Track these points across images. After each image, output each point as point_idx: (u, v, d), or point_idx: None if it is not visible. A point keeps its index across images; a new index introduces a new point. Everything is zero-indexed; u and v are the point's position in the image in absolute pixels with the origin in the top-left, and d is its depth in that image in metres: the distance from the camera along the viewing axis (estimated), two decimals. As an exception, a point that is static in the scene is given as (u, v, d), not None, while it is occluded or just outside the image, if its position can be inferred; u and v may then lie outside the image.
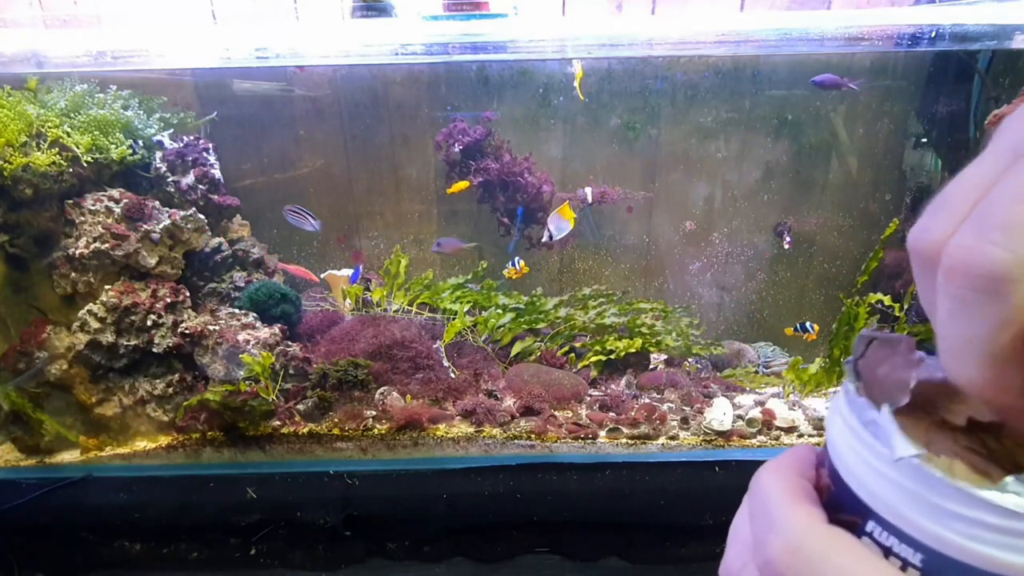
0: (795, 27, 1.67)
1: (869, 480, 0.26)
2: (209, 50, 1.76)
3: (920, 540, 0.24)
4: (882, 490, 0.25)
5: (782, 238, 2.10)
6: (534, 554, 1.64)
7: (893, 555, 0.25)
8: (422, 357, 1.85)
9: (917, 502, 0.24)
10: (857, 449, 0.27)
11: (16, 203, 1.62)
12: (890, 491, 0.25)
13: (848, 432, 0.28)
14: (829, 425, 0.30)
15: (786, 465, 0.30)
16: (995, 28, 1.61)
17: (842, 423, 0.28)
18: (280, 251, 2.19)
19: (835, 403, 0.30)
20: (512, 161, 2.04)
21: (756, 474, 0.31)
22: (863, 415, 0.27)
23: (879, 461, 0.26)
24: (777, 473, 0.30)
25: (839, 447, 0.28)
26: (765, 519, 0.28)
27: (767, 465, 0.31)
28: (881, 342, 0.32)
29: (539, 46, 1.79)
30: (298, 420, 1.71)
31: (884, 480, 0.25)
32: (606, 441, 1.68)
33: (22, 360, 1.65)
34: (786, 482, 0.29)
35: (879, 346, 0.32)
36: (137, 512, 1.57)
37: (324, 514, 1.56)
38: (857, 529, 0.26)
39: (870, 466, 0.26)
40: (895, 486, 0.25)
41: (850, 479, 0.27)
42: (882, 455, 0.25)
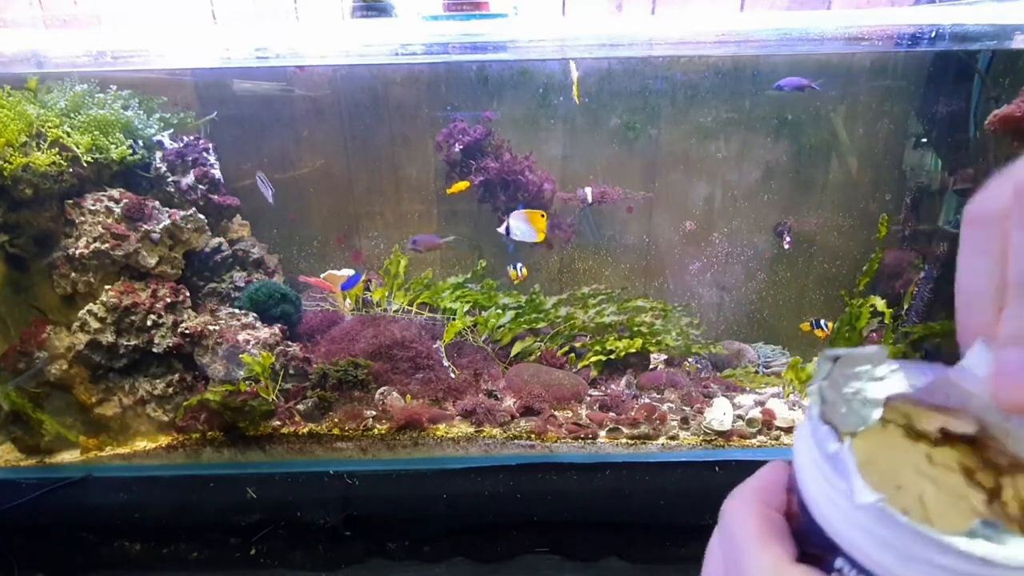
0: (795, 27, 1.67)
1: (835, 518, 0.25)
2: (209, 50, 1.76)
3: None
4: (848, 529, 0.25)
5: (782, 238, 2.10)
6: (534, 554, 1.64)
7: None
8: (422, 357, 1.85)
9: (883, 545, 0.23)
10: (821, 484, 0.26)
11: (16, 203, 1.62)
12: (858, 532, 0.24)
13: (812, 465, 0.27)
14: (796, 452, 0.29)
15: (756, 496, 0.30)
16: (995, 28, 1.61)
17: (807, 452, 0.28)
18: (280, 251, 2.19)
19: (802, 429, 0.29)
20: (512, 160, 2.04)
21: (726, 503, 0.30)
22: (824, 447, 0.26)
23: (843, 500, 0.25)
24: (746, 506, 0.29)
25: (805, 480, 0.27)
26: (734, 558, 0.28)
27: (737, 492, 0.30)
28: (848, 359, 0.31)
29: (539, 46, 1.79)
30: (298, 420, 1.71)
31: (850, 521, 0.25)
32: (606, 441, 1.68)
33: (22, 360, 1.65)
34: (754, 518, 0.29)
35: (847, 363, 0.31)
36: (137, 512, 1.57)
37: (324, 514, 1.56)
38: (825, 565, 0.26)
39: (835, 504, 0.25)
40: (862, 528, 0.24)
41: (817, 514, 0.26)
42: (846, 493, 0.25)
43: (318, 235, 2.25)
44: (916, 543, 0.22)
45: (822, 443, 0.26)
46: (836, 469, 0.25)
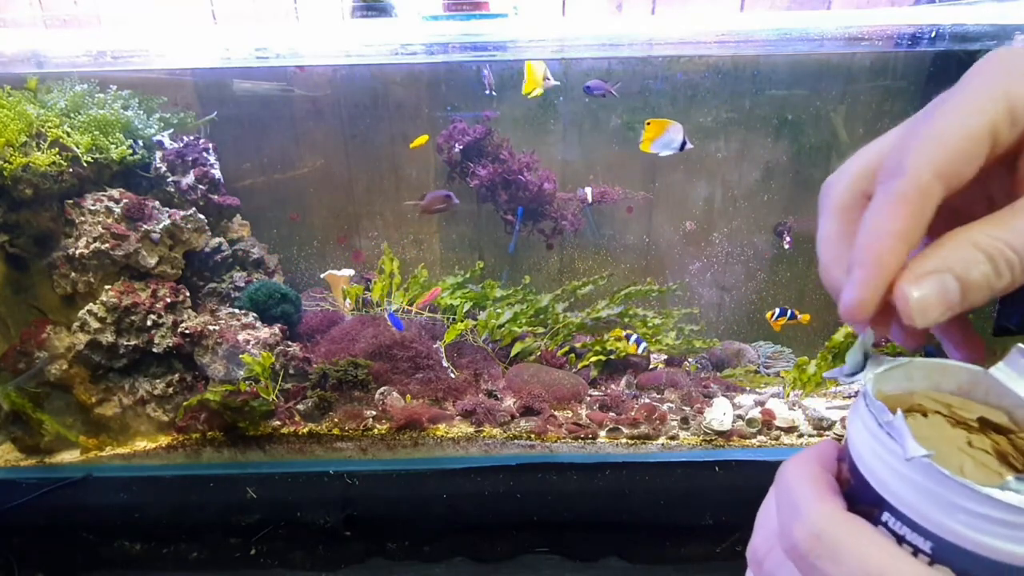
0: (795, 27, 1.67)
1: (885, 475, 0.28)
2: (209, 50, 1.76)
3: (930, 530, 0.26)
4: (896, 485, 0.28)
5: (782, 238, 2.10)
6: (534, 554, 1.64)
7: (905, 542, 0.27)
8: (422, 357, 1.85)
9: (928, 496, 0.26)
10: (874, 448, 0.29)
11: (16, 203, 1.62)
12: (903, 486, 0.27)
13: (866, 433, 0.30)
14: (850, 425, 0.33)
15: (810, 458, 0.33)
16: (995, 28, 1.61)
17: (861, 424, 0.31)
18: (280, 251, 2.19)
19: (855, 406, 0.33)
20: (512, 159, 2.04)
21: (782, 466, 0.33)
22: (881, 417, 0.29)
23: (894, 459, 0.28)
24: (802, 465, 0.32)
25: (858, 446, 0.31)
26: (790, 507, 0.30)
27: (792, 457, 0.34)
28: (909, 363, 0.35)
29: (539, 46, 1.78)
30: (298, 420, 1.71)
31: (898, 476, 0.28)
32: (606, 441, 1.68)
33: (22, 360, 1.65)
34: (810, 473, 0.31)
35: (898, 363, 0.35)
36: (137, 512, 1.57)
37: (324, 514, 1.56)
38: (873, 518, 0.29)
39: (886, 463, 0.28)
40: (908, 481, 0.27)
41: (868, 474, 0.29)
42: (897, 454, 0.28)
43: (318, 235, 2.25)
44: (957, 494, 0.26)
45: (879, 414, 0.29)
46: (891, 432, 0.29)
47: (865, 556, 0.27)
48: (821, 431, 1.70)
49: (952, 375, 0.34)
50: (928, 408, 0.34)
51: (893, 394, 0.35)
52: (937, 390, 0.35)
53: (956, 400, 0.34)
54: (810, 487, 0.30)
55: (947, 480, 0.26)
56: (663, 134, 1.70)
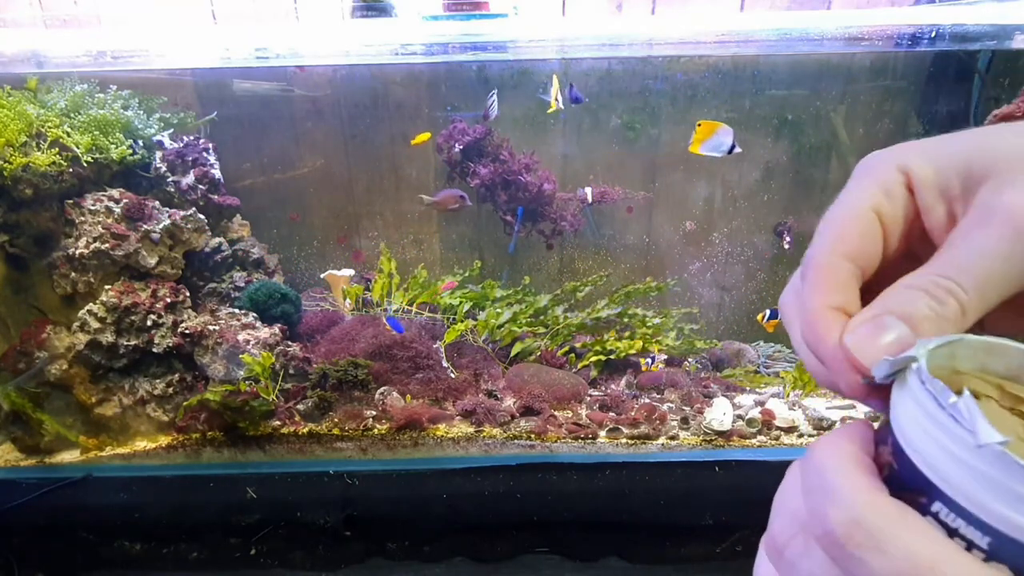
0: (795, 27, 1.67)
1: (941, 462, 0.26)
2: (209, 50, 1.76)
3: (990, 523, 0.24)
4: (955, 473, 0.25)
5: (782, 238, 2.10)
6: (534, 554, 1.64)
7: (958, 536, 0.25)
8: (422, 357, 1.85)
9: (992, 487, 0.24)
10: (930, 431, 0.27)
11: (16, 203, 1.62)
12: (965, 475, 0.25)
13: (921, 414, 0.27)
14: (896, 405, 0.30)
15: (844, 438, 0.30)
16: (995, 28, 1.61)
17: (914, 404, 0.28)
18: (280, 251, 2.19)
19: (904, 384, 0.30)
20: (512, 159, 2.04)
21: (810, 448, 0.30)
22: (942, 397, 0.27)
23: (956, 445, 0.25)
24: (836, 444, 0.29)
25: (907, 428, 0.28)
26: (823, 491, 0.27)
27: (821, 439, 0.30)
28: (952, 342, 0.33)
29: (539, 46, 1.79)
30: (298, 420, 1.71)
31: (959, 463, 0.25)
32: (606, 441, 1.68)
33: (22, 360, 1.65)
34: (846, 454, 0.28)
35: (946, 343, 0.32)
36: (137, 512, 1.57)
37: (324, 514, 1.56)
38: (921, 508, 0.26)
39: (944, 449, 0.26)
40: (971, 470, 0.25)
41: (919, 460, 0.27)
42: (960, 439, 0.25)
43: (318, 235, 2.25)
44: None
45: (939, 394, 0.27)
46: (956, 415, 0.26)
47: (914, 547, 0.24)
48: (821, 431, 1.70)
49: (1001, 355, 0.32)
50: (979, 391, 0.31)
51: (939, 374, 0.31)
52: (984, 371, 0.32)
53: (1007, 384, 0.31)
54: (847, 467, 0.27)
55: (1020, 470, 0.23)
56: (712, 136, 1.69)
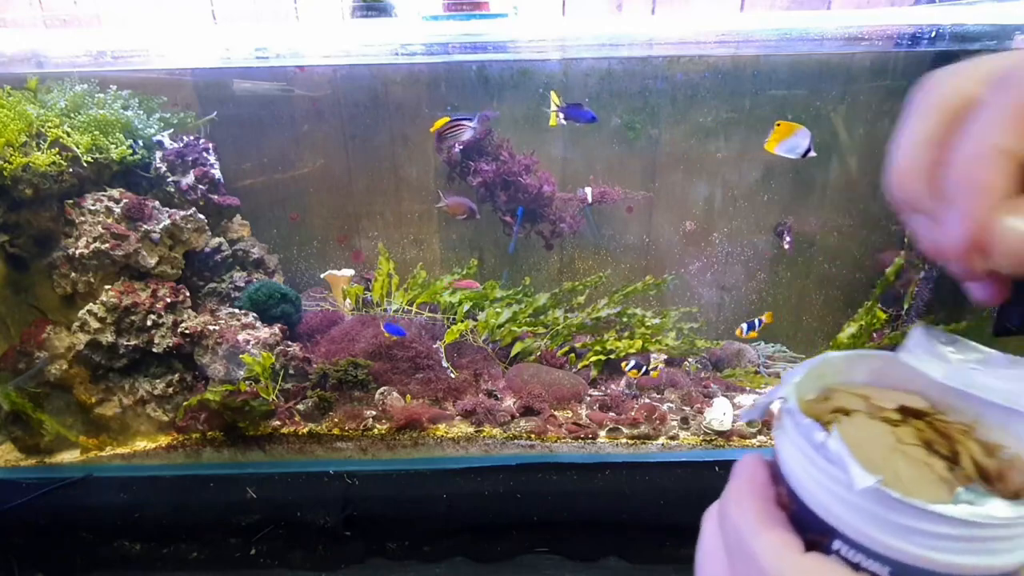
0: (795, 27, 1.67)
1: (830, 503, 0.27)
2: (209, 50, 1.76)
3: (886, 555, 0.26)
4: (845, 513, 0.27)
5: (782, 238, 2.09)
6: (534, 554, 1.64)
7: (862, 570, 0.27)
8: (422, 357, 1.85)
9: (880, 522, 0.26)
10: (814, 475, 0.28)
11: (16, 203, 1.62)
12: (853, 514, 0.26)
13: (802, 456, 0.29)
14: (780, 447, 0.31)
15: (750, 493, 0.31)
16: (995, 28, 1.61)
17: (792, 446, 0.29)
18: (280, 251, 2.19)
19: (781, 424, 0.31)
20: (512, 160, 2.04)
21: (722, 508, 0.32)
22: (811, 438, 0.28)
23: (839, 487, 0.27)
24: (745, 504, 0.30)
25: (796, 471, 0.29)
26: (742, 553, 0.29)
27: (731, 496, 0.32)
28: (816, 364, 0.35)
29: (539, 46, 1.79)
30: (298, 420, 1.71)
31: (845, 504, 0.27)
32: (606, 441, 1.68)
33: (22, 360, 1.65)
34: (756, 512, 0.30)
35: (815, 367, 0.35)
36: (137, 512, 1.57)
37: (324, 514, 1.56)
38: (824, 547, 0.28)
39: (830, 491, 0.27)
40: (857, 509, 0.26)
41: (811, 501, 0.28)
42: (840, 480, 0.26)
43: (318, 235, 2.25)
44: (911, 516, 0.25)
45: (810, 434, 0.28)
46: (829, 458, 0.27)
47: None
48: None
49: (863, 364, 0.34)
50: (849, 407, 0.33)
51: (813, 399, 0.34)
52: (850, 382, 0.34)
53: (871, 391, 0.33)
54: (760, 526, 0.29)
55: (900, 504, 0.25)
56: (790, 137, 1.68)
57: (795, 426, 0.29)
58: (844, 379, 0.35)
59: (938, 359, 0.32)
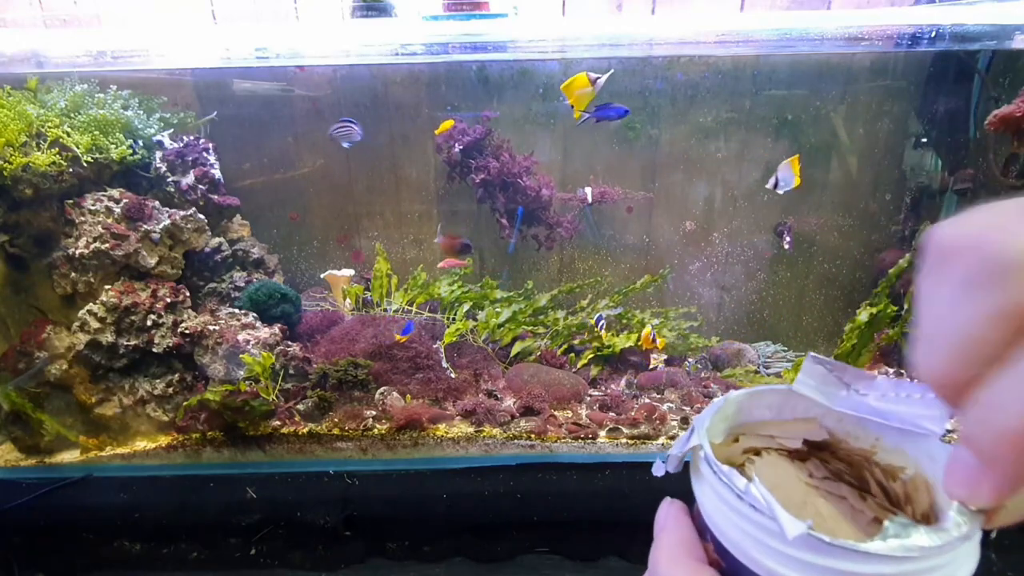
0: (795, 27, 1.67)
1: (761, 557, 0.26)
2: (209, 50, 1.76)
3: None
4: (778, 565, 0.26)
5: (782, 238, 2.09)
6: (534, 554, 1.64)
7: None
8: (422, 357, 1.85)
9: (813, 570, 0.25)
10: (741, 525, 0.27)
11: (16, 203, 1.62)
12: (786, 565, 0.26)
13: (726, 507, 0.28)
14: (701, 495, 0.30)
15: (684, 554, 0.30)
16: (995, 28, 1.61)
17: (715, 496, 0.29)
18: (280, 251, 2.19)
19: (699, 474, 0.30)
20: (512, 161, 2.04)
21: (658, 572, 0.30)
22: (733, 485, 0.27)
23: (767, 535, 0.26)
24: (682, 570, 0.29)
25: (720, 523, 0.29)
26: None
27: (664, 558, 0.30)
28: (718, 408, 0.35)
29: (539, 46, 1.78)
30: (298, 420, 1.71)
31: (777, 555, 0.26)
32: (606, 441, 1.68)
33: (22, 360, 1.65)
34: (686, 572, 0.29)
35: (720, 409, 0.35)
36: (137, 512, 1.57)
37: (324, 514, 1.56)
38: None
39: (758, 542, 0.26)
40: (789, 559, 0.25)
41: (742, 556, 0.27)
42: (769, 529, 0.26)
43: (318, 235, 2.25)
44: (843, 559, 0.24)
45: (732, 481, 0.27)
46: (756, 506, 0.26)
47: None
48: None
49: (763, 400, 0.35)
50: (758, 446, 0.33)
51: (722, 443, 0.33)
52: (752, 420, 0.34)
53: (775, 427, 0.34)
54: None
55: (832, 548, 0.24)
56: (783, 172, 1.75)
57: (714, 474, 0.29)
58: (747, 418, 0.35)
59: (832, 387, 0.32)
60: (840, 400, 0.32)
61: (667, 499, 0.34)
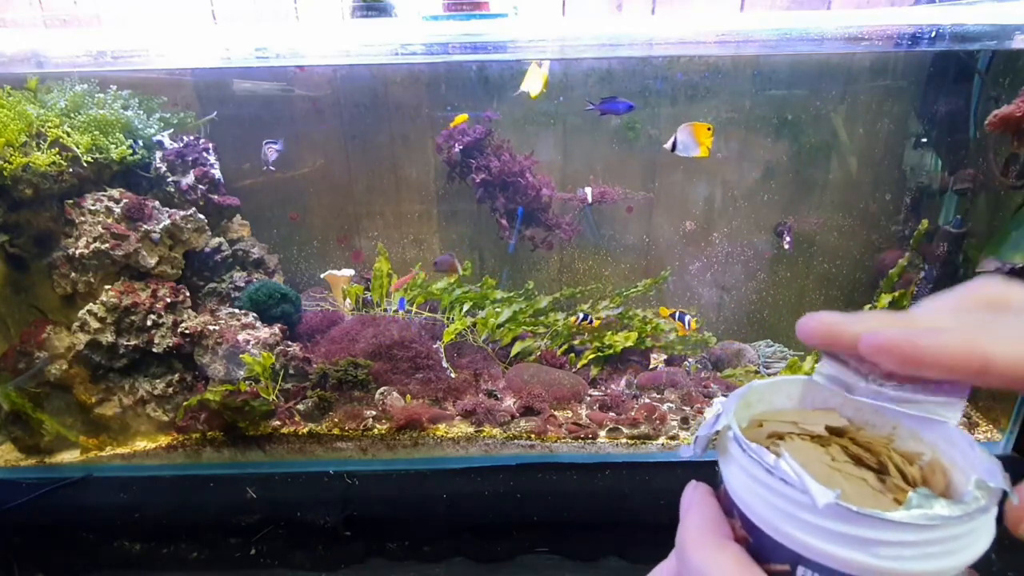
0: (795, 27, 1.66)
1: (790, 529, 0.27)
2: (209, 50, 1.76)
3: (850, 573, 0.26)
4: (806, 536, 0.27)
5: (782, 238, 2.09)
6: (534, 554, 1.63)
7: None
8: (422, 357, 1.85)
9: (842, 539, 0.26)
10: (769, 500, 0.28)
11: (16, 203, 1.62)
12: (814, 535, 0.26)
13: (755, 483, 0.29)
14: (728, 474, 0.31)
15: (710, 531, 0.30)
16: (995, 28, 1.61)
17: (743, 473, 0.30)
18: (280, 251, 2.19)
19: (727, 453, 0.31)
20: (512, 160, 2.04)
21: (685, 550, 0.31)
22: (763, 460, 0.28)
23: (796, 508, 0.27)
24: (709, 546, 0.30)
25: (748, 499, 0.29)
26: None
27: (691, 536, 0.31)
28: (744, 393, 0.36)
29: (539, 46, 1.78)
30: (298, 420, 1.71)
31: (806, 526, 0.27)
32: (606, 441, 1.68)
33: (22, 360, 1.65)
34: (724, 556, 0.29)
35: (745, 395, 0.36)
36: (137, 512, 1.57)
37: (324, 514, 1.56)
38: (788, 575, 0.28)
39: (787, 515, 0.27)
40: (817, 529, 0.26)
41: (770, 530, 0.28)
42: (798, 502, 0.27)
43: (318, 235, 2.25)
44: (871, 528, 0.25)
45: (761, 457, 0.28)
46: (785, 479, 0.27)
47: None
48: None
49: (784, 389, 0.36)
50: (782, 432, 0.34)
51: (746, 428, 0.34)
52: (774, 409, 0.35)
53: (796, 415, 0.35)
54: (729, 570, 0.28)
55: (859, 517, 0.25)
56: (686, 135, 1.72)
57: (743, 452, 0.29)
58: (768, 407, 0.36)
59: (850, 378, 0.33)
60: (858, 390, 0.33)
61: (692, 482, 0.35)
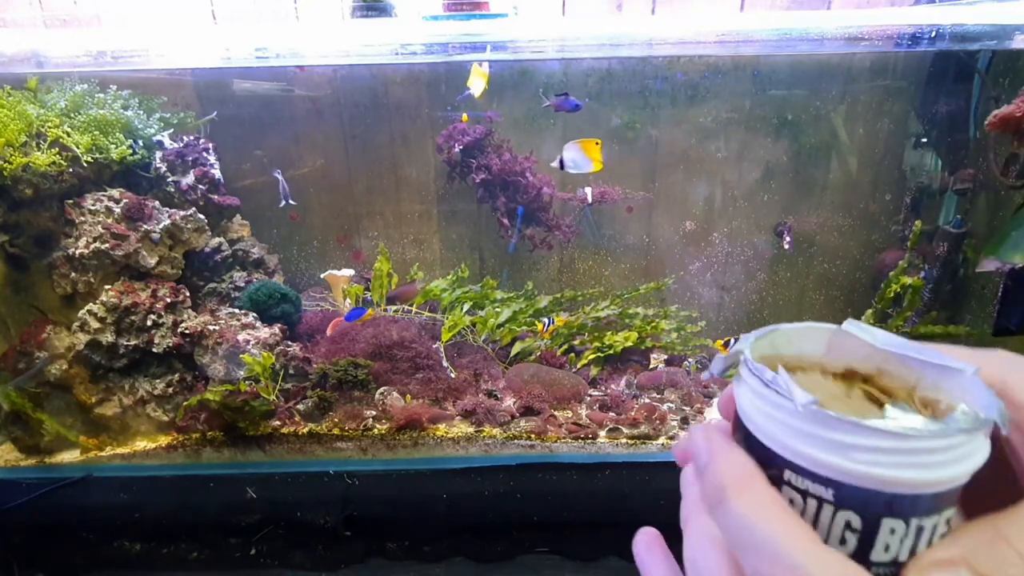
0: (795, 27, 1.67)
1: (779, 433, 0.30)
2: (209, 50, 1.76)
3: (828, 476, 0.28)
4: (790, 439, 0.29)
5: (782, 238, 2.09)
6: (534, 554, 1.63)
7: (810, 496, 0.29)
8: (422, 357, 1.85)
9: (820, 442, 0.28)
10: (763, 409, 0.31)
11: (16, 203, 1.62)
12: (797, 438, 0.29)
13: (754, 395, 0.31)
14: (737, 394, 0.34)
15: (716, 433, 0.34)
16: (995, 28, 1.61)
17: (747, 390, 0.32)
18: (280, 251, 2.19)
19: (739, 376, 0.34)
20: (512, 160, 2.03)
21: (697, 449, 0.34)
22: (763, 376, 0.31)
23: (783, 414, 0.29)
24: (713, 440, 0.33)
25: (749, 411, 0.32)
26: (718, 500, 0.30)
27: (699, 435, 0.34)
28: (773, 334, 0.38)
29: (539, 46, 1.78)
30: (298, 420, 1.71)
31: (790, 430, 0.29)
32: (606, 441, 1.68)
33: (22, 360, 1.65)
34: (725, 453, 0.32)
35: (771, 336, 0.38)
36: (137, 512, 1.57)
37: (324, 514, 1.56)
38: (778, 481, 0.30)
39: (777, 420, 0.30)
40: (800, 433, 0.29)
41: (763, 437, 0.31)
42: (785, 407, 0.29)
43: (318, 235, 2.25)
44: (846, 432, 0.27)
45: (761, 373, 0.31)
46: (776, 388, 0.30)
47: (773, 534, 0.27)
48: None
49: (814, 337, 0.37)
50: (799, 366, 0.36)
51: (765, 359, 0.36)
52: (801, 353, 0.37)
53: (823, 360, 0.37)
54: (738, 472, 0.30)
55: (835, 421, 0.27)
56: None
57: (750, 372, 0.32)
58: (795, 351, 0.37)
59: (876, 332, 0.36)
60: (884, 340, 0.34)
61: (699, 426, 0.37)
